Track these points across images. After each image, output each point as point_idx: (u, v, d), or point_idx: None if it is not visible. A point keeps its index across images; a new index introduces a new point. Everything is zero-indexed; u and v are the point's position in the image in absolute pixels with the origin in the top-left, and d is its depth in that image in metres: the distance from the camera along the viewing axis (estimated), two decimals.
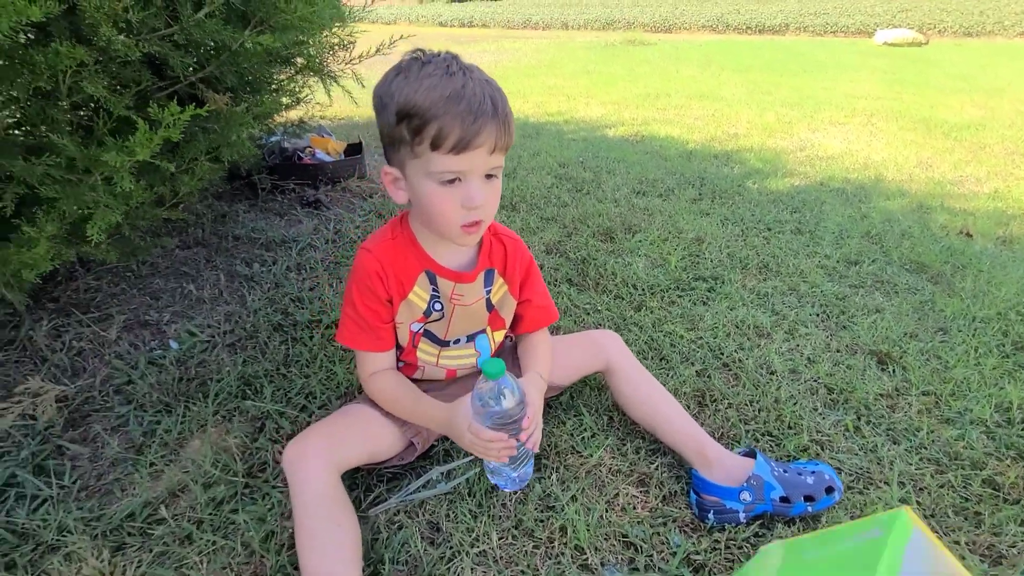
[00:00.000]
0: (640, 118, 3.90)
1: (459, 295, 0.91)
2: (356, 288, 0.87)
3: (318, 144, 2.61)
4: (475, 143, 0.70)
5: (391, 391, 0.91)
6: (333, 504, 0.77)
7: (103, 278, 1.57)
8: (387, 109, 0.73)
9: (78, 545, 0.82)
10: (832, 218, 2.14)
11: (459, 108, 0.69)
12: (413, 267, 0.88)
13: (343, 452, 0.82)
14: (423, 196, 0.76)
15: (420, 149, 0.71)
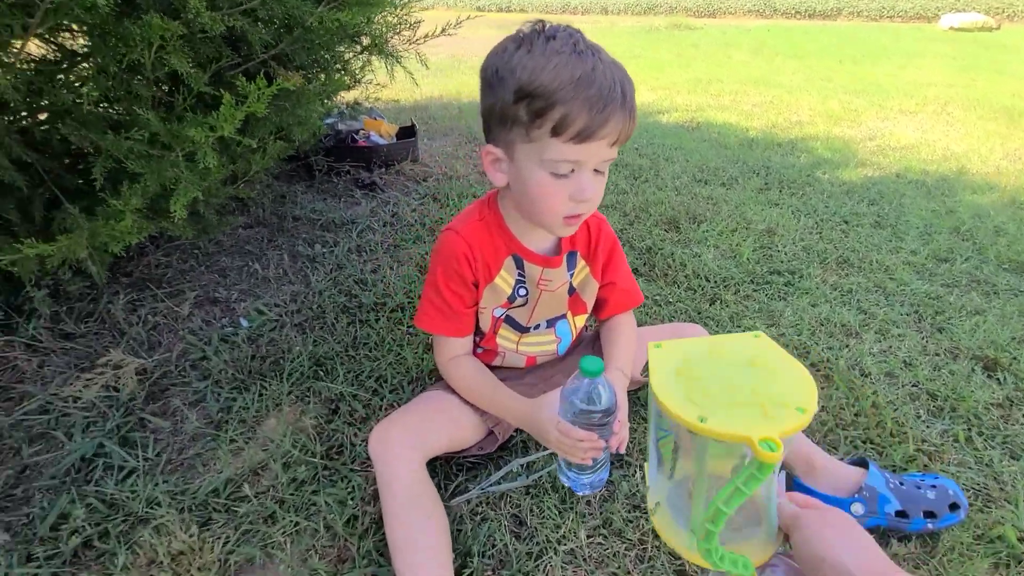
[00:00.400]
0: (694, 104, 3.75)
1: (547, 280, 0.87)
2: (442, 271, 0.83)
3: (371, 126, 2.60)
4: (600, 133, 0.64)
5: (470, 378, 0.88)
6: (422, 495, 0.75)
7: (172, 255, 1.60)
8: (504, 84, 0.66)
9: (166, 518, 0.83)
10: (914, 212, 2.00)
11: (588, 93, 0.62)
12: (500, 250, 0.84)
13: (428, 441, 0.80)
14: (530, 184, 0.70)
15: (537, 133, 0.66)
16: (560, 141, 0.65)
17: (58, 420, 1.02)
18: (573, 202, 0.70)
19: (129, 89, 1.10)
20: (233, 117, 1.05)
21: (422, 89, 4.21)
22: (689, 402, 0.45)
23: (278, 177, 2.22)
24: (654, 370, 0.50)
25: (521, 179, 0.71)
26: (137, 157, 1.07)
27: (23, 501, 0.87)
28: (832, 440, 1.00)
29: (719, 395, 0.46)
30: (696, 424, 0.43)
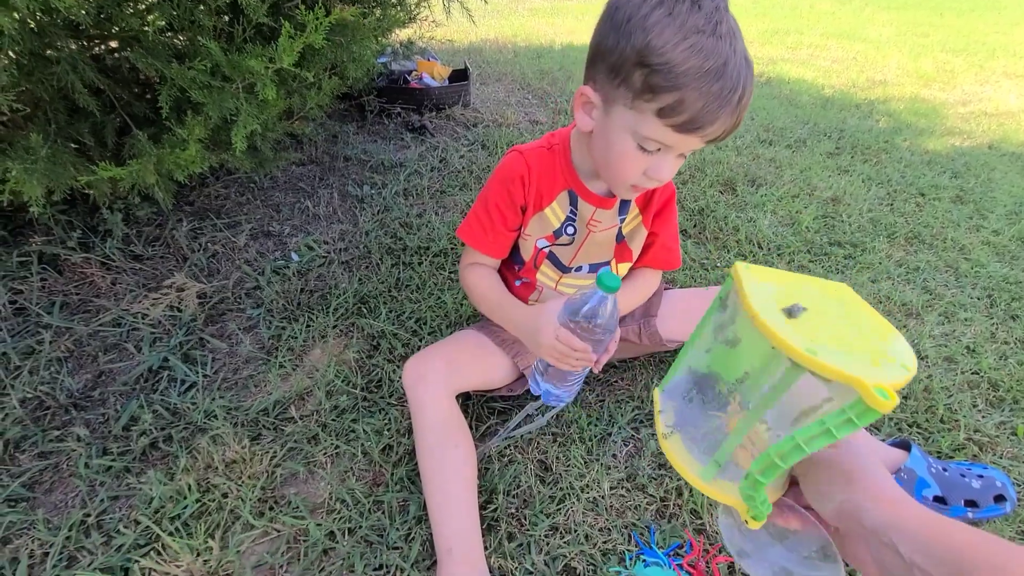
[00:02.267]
0: (766, 56, 3.47)
1: (597, 221, 0.86)
2: (495, 186, 0.84)
3: (424, 68, 2.55)
4: (704, 129, 0.61)
5: (484, 284, 0.89)
6: (450, 425, 0.78)
7: (231, 187, 1.66)
8: (630, 38, 0.61)
9: (222, 430, 0.90)
10: (1004, 188, 1.82)
11: (711, 88, 0.58)
12: (558, 182, 0.83)
13: (459, 375, 0.82)
14: (613, 146, 0.68)
15: (642, 105, 0.62)
16: (662, 123, 0.61)
17: (129, 333, 1.10)
18: (646, 177, 0.69)
19: (192, 18, 1.11)
20: (292, 48, 1.06)
21: (478, 30, 4.08)
22: (795, 332, 0.40)
23: (331, 116, 2.24)
24: (750, 290, 0.45)
25: (606, 136, 0.69)
26: (200, 87, 1.10)
27: (100, 403, 0.96)
28: (875, 423, 0.96)
29: (824, 331, 0.41)
30: (804, 355, 0.38)
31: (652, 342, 1.00)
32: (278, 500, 0.82)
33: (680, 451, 0.50)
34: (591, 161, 0.78)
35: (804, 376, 0.41)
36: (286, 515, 0.79)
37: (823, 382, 0.40)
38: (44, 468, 0.84)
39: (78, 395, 0.96)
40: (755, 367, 0.46)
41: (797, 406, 0.44)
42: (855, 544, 0.41)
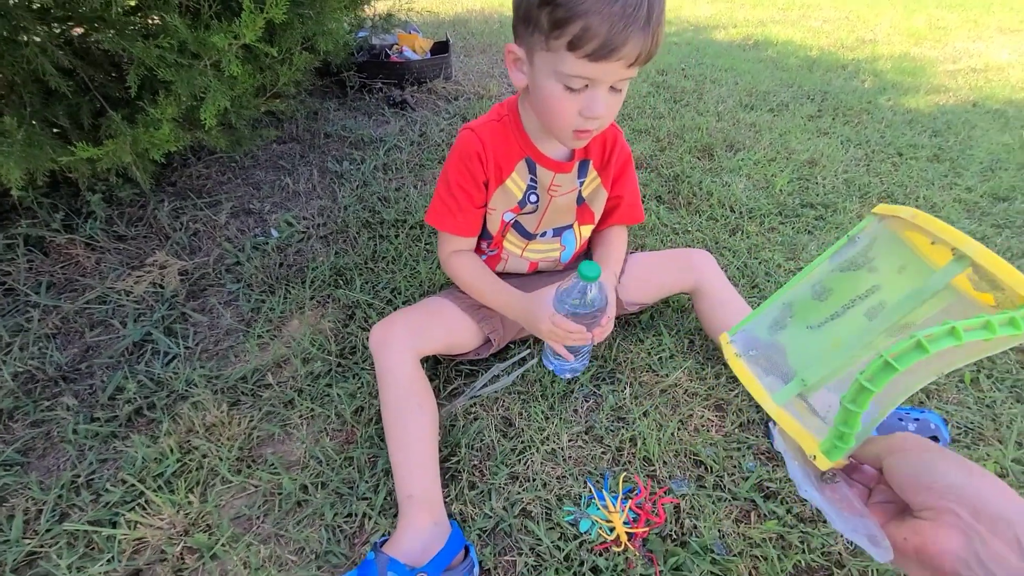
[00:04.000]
0: (756, 19, 3.41)
1: (557, 185, 0.88)
2: (453, 167, 0.85)
3: (405, 41, 2.53)
4: (617, 53, 0.62)
5: (471, 271, 0.92)
6: (413, 385, 0.82)
7: (212, 167, 1.68)
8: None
9: (202, 397, 0.95)
10: (983, 145, 1.82)
11: (611, 8, 0.59)
12: (514, 152, 0.85)
13: (423, 339, 0.86)
14: (543, 92, 0.70)
15: (555, 44, 0.64)
16: (575, 56, 0.62)
17: (114, 310, 1.15)
18: (583, 118, 0.70)
19: None
20: (254, 23, 1.07)
21: (464, 0, 4.01)
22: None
23: (312, 94, 2.23)
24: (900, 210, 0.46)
25: (537, 87, 0.71)
26: (168, 65, 1.11)
27: (87, 375, 1.01)
28: None
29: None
30: (983, 251, 0.38)
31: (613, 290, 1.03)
32: (255, 459, 0.87)
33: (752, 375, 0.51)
34: (537, 123, 0.80)
35: (957, 298, 0.40)
36: (263, 471, 0.84)
37: (978, 304, 0.39)
38: (36, 436, 0.90)
39: (66, 368, 1.01)
40: (897, 283, 0.46)
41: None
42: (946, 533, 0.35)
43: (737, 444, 0.88)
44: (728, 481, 0.83)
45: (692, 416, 0.93)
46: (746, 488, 0.81)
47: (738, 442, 0.89)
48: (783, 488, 0.82)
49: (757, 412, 0.94)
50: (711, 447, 0.87)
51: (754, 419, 0.92)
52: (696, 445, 0.87)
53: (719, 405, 0.95)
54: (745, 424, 0.92)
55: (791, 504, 0.80)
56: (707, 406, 0.95)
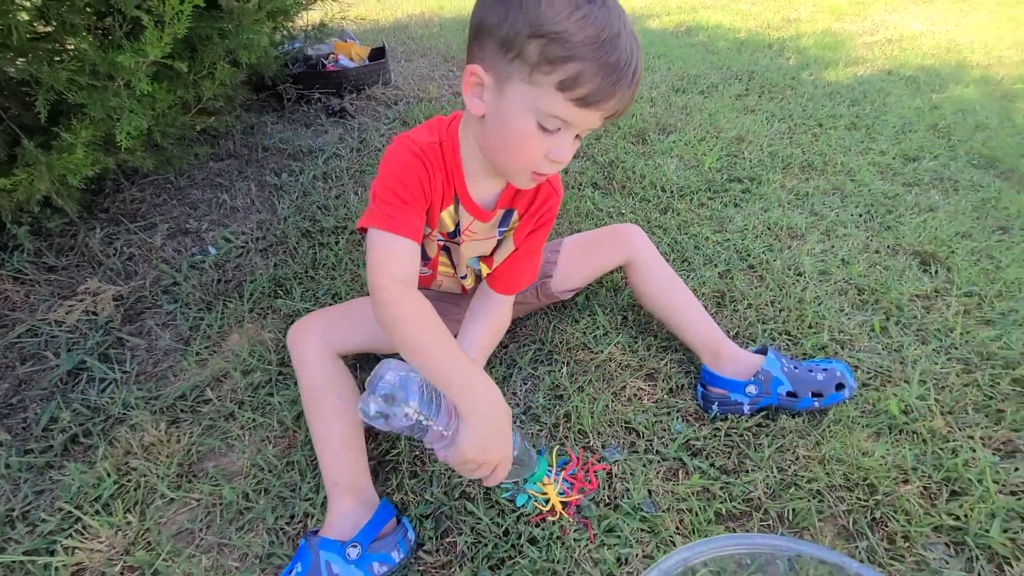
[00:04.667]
0: (688, 5, 3.51)
1: (473, 231, 0.83)
2: (399, 168, 0.71)
3: (341, 50, 2.52)
4: (604, 103, 0.60)
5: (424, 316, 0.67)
6: (331, 379, 0.83)
7: (146, 190, 1.65)
8: (522, 8, 0.58)
9: (140, 418, 0.94)
10: (896, 110, 1.93)
11: (609, 59, 0.57)
12: (448, 183, 0.76)
13: (340, 337, 0.87)
14: (512, 127, 0.64)
15: (542, 80, 0.59)
16: (563, 96, 0.59)
17: (46, 342, 1.12)
18: (547, 160, 0.66)
19: (62, 18, 1.10)
20: (159, 40, 1.06)
21: (403, 6, 4.01)
22: None
23: (249, 108, 2.21)
24: None
25: (503, 117, 0.64)
26: (80, 88, 1.10)
27: (20, 409, 0.99)
28: (751, 333, 1.06)
29: None
30: None
31: (548, 299, 1.06)
32: (196, 474, 0.87)
33: None
34: (481, 155, 0.73)
35: None
36: (204, 485, 0.84)
37: None
38: None
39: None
40: None
41: None
42: None
43: (667, 409, 0.93)
44: (658, 443, 0.87)
45: (625, 387, 0.97)
46: (674, 448, 0.85)
47: (668, 407, 0.93)
48: (708, 445, 0.86)
49: (686, 377, 0.98)
50: (642, 414, 0.91)
51: (683, 384, 0.97)
52: (628, 414, 0.91)
53: (650, 374, 0.99)
54: (674, 389, 0.96)
55: (715, 459, 0.84)
56: (639, 376, 0.99)
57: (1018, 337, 1.01)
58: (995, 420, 0.88)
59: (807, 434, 0.87)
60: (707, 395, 0.91)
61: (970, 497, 0.77)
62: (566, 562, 0.72)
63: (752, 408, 0.89)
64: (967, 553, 0.72)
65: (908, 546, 0.73)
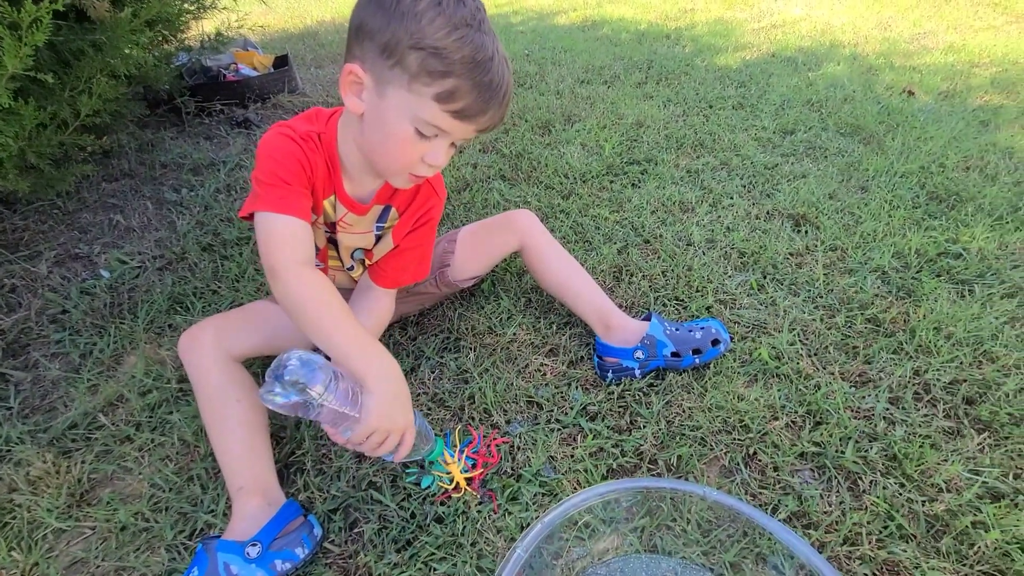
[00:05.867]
0: (594, 1, 3.64)
1: (347, 223, 0.84)
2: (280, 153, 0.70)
3: (242, 59, 2.45)
4: (479, 119, 0.65)
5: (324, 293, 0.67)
6: (227, 384, 0.81)
7: (29, 217, 1.55)
8: (403, 20, 0.60)
9: (25, 453, 0.89)
10: (777, 89, 2.09)
11: (483, 79, 0.62)
12: (328, 177, 0.78)
13: (236, 340, 0.85)
14: (391, 131, 0.66)
15: (422, 89, 0.62)
16: (440, 108, 0.63)
17: None
18: (423, 164, 0.70)
19: None
20: (17, 50, 1.01)
21: (312, 13, 3.92)
22: None
23: (144, 125, 2.11)
24: None
25: (382, 120, 0.66)
26: None
27: None
28: (645, 303, 1.13)
29: None
30: None
31: (449, 288, 1.08)
32: (89, 502, 0.83)
33: None
34: (359, 153, 0.74)
35: None
36: (98, 511, 0.81)
37: None
38: None
39: None
40: None
41: None
42: None
43: (567, 381, 0.97)
44: (558, 413, 0.91)
45: (528, 365, 1.01)
46: (572, 416, 0.90)
47: (567, 379, 0.98)
48: (603, 408, 0.92)
49: (584, 349, 1.04)
50: (544, 388, 0.96)
51: (581, 356, 1.02)
52: (530, 389, 0.95)
53: (552, 350, 1.04)
54: (574, 361, 1.01)
55: (609, 420, 0.90)
56: (542, 353, 1.03)
57: (871, 282, 1.14)
58: (851, 356, 0.99)
59: (692, 388, 0.94)
60: (602, 364, 0.97)
61: (828, 425, 0.86)
62: (469, 534, 0.75)
63: (643, 371, 0.95)
64: (827, 474, 0.81)
65: (776, 475, 0.80)
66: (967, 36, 2.56)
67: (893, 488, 0.79)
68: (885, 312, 1.06)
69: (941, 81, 2.09)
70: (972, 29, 2.65)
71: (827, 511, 0.77)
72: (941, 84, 2.06)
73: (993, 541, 0.72)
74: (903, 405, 0.90)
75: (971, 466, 0.81)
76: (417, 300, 1.09)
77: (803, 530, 0.74)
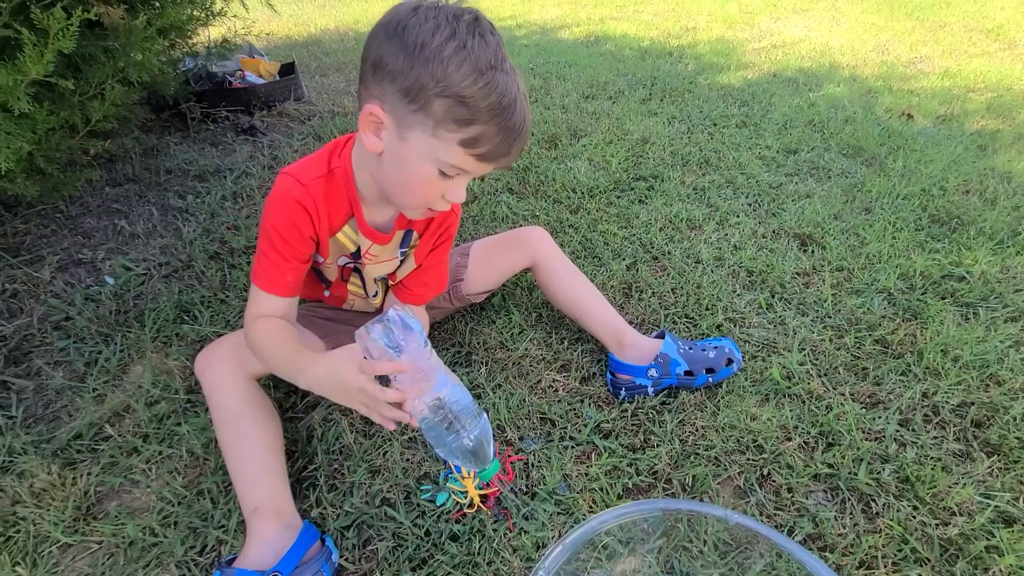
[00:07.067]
0: (597, 17, 3.69)
1: (373, 255, 0.85)
2: (277, 217, 0.74)
3: (249, 66, 2.45)
4: (499, 160, 0.66)
5: (269, 342, 0.76)
6: (245, 404, 0.81)
7: (31, 221, 1.53)
8: (428, 66, 0.59)
9: (29, 464, 0.87)
10: (779, 109, 2.12)
11: (509, 123, 0.63)
12: (344, 206, 0.78)
13: (252, 358, 0.83)
14: (413, 172, 0.67)
15: (446, 136, 0.62)
16: (464, 152, 0.63)
17: None
18: (443, 200, 0.71)
19: None
20: (41, 57, 1.00)
21: (316, 21, 3.94)
22: None
23: (149, 130, 2.10)
24: None
25: (404, 162, 0.67)
26: None
27: None
28: (655, 320, 1.13)
29: None
30: None
31: (461, 302, 1.09)
32: (96, 515, 0.82)
33: None
34: (375, 185, 0.75)
35: None
36: (105, 526, 0.79)
37: None
38: None
39: None
40: None
41: None
42: None
43: (580, 397, 0.97)
44: (572, 430, 0.91)
45: (540, 381, 1.01)
46: (586, 433, 0.90)
47: (580, 395, 0.98)
48: (617, 426, 0.91)
49: (596, 366, 1.04)
50: (557, 404, 0.96)
51: (594, 372, 1.02)
52: (543, 405, 0.95)
53: (564, 366, 1.04)
54: (586, 378, 1.01)
55: (623, 438, 0.90)
56: (553, 369, 1.03)
57: (879, 303, 1.15)
58: (861, 377, 0.99)
59: (704, 407, 0.94)
60: (615, 381, 0.97)
61: (841, 446, 0.87)
62: (486, 553, 0.74)
63: (655, 389, 0.95)
64: (840, 495, 0.81)
65: (791, 496, 0.81)
66: (962, 61, 2.62)
67: (906, 511, 0.79)
68: (892, 334, 1.07)
69: (939, 105, 2.13)
70: (967, 55, 2.71)
71: (842, 533, 0.77)
72: (939, 108, 2.11)
73: (1008, 567, 0.72)
74: (913, 427, 0.91)
75: (982, 489, 0.82)
76: (433, 313, 1.09)
77: (819, 553, 0.75)
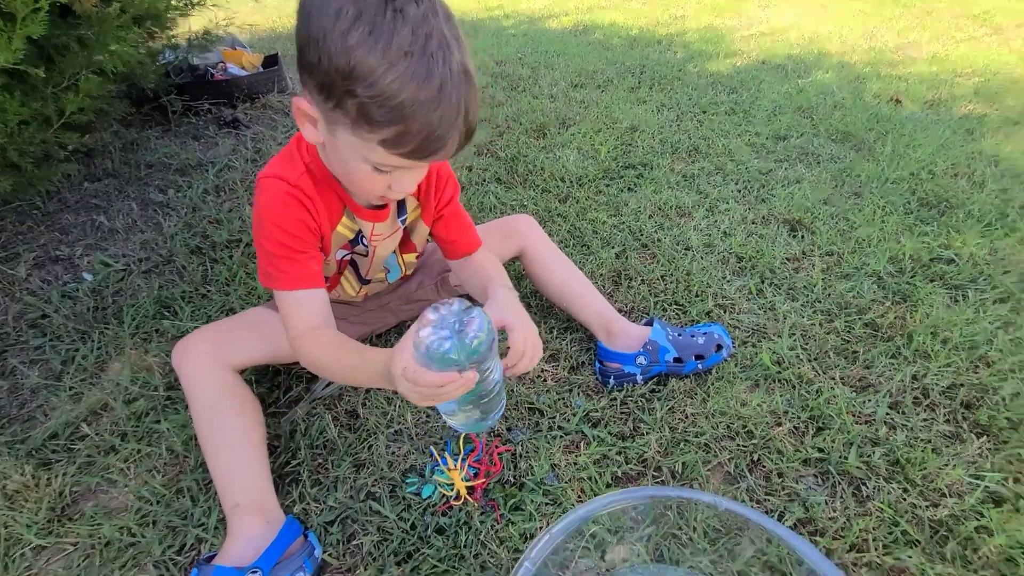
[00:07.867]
0: (585, 6, 3.66)
1: (378, 234, 0.83)
2: (282, 217, 0.70)
3: (231, 58, 2.40)
4: (432, 156, 0.59)
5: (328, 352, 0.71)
6: (226, 396, 0.79)
7: (6, 217, 1.49)
8: (332, 59, 0.52)
9: (2, 465, 0.85)
10: (768, 96, 2.11)
11: (430, 117, 0.54)
12: (335, 201, 0.75)
13: (234, 350, 0.82)
14: (349, 167, 0.63)
15: (365, 135, 0.56)
16: (388, 152, 0.57)
17: None
18: (392, 191, 0.66)
19: None
20: (9, 43, 0.97)
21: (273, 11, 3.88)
22: None
23: (129, 124, 2.05)
24: None
25: (340, 156, 0.63)
26: None
27: None
28: (645, 307, 1.12)
29: None
30: None
31: (450, 293, 1.07)
32: (71, 516, 0.80)
33: None
34: None
35: None
36: (80, 527, 0.77)
37: None
38: None
39: None
40: None
41: None
42: None
43: (568, 386, 0.96)
44: (560, 420, 0.90)
45: (529, 371, 0.99)
46: (575, 422, 0.89)
47: (569, 384, 0.96)
48: (606, 415, 0.90)
49: (585, 355, 1.02)
50: (546, 394, 0.94)
51: (583, 361, 1.01)
52: (532, 395, 0.94)
53: (553, 355, 1.03)
54: (575, 367, 1.00)
55: (612, 427, 0.88)
56: (543, 359, 1.02)
57: (868, 287, 1.14)
58: (851, 360, 0.99)
59: (694, 394, 0.93)
60: (604, 370, 0.95)
61: (831, 430, 0.86)
62: (472, 545, 0.73)
63: (645, 377, 0.94)
64: (831, 479, 0.80)
65: (781, 481, 0.80)
66: (949, 47, 2.62)
67: (897, 493, 0.78)
68: (882, 317, 1.06)
69: (927, 90, 2.13)
70: (954, 40, 2.71)
71: (833, 517, 0.76)
72: (927, 93, 2.10)
73: (997, 546, 0.71)
74: (903, 410, 0.90)
75: (972, 471, 0.81)
76: (418, 305, 1.07)
77: (810, 537, 0.74)
